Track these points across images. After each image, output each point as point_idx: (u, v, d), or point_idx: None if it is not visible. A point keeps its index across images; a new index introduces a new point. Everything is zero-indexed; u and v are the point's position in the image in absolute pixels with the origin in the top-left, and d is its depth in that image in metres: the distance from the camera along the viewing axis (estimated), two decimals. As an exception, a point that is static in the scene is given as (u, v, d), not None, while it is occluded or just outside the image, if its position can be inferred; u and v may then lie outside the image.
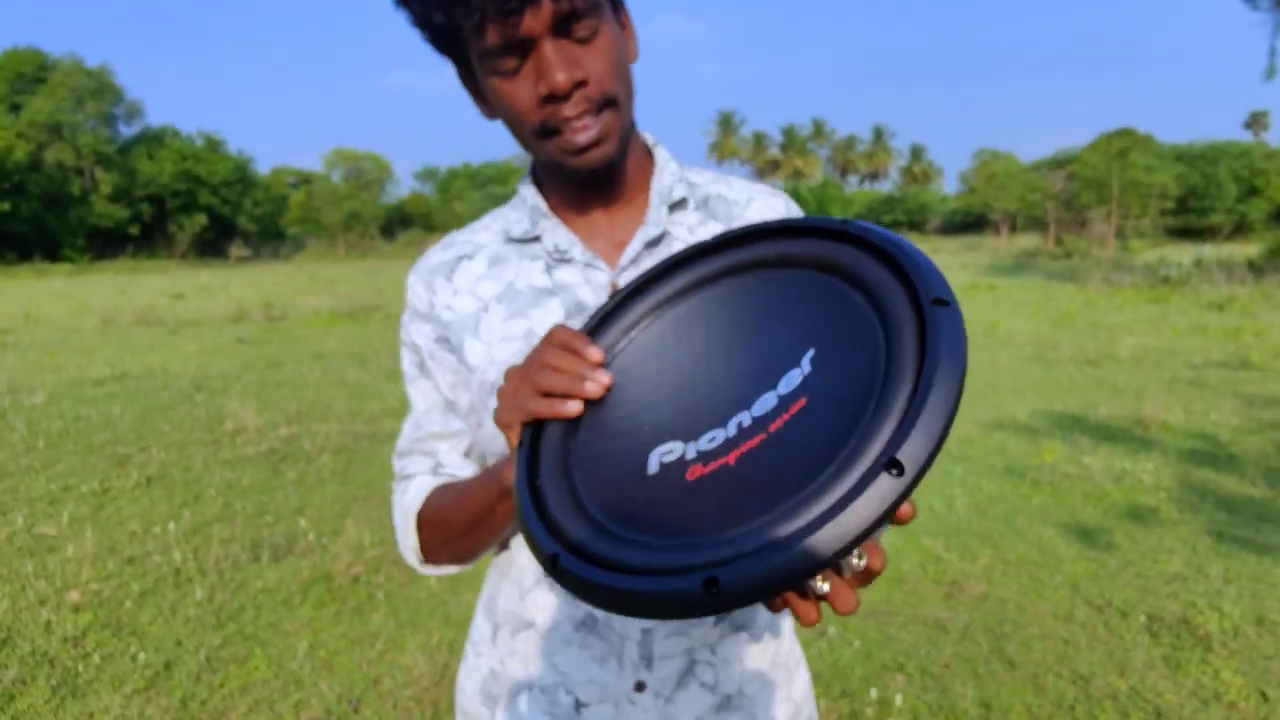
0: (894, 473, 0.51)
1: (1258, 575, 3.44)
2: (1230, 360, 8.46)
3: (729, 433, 0.63)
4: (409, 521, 0.92)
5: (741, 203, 0.95)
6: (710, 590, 0.53)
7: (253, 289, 25.15)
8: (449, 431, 0.96)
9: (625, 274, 0.89)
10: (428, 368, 0.96)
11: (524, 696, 0.93)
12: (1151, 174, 41.50)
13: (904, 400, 0.55)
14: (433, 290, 0.93)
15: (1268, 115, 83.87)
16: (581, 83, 0.77)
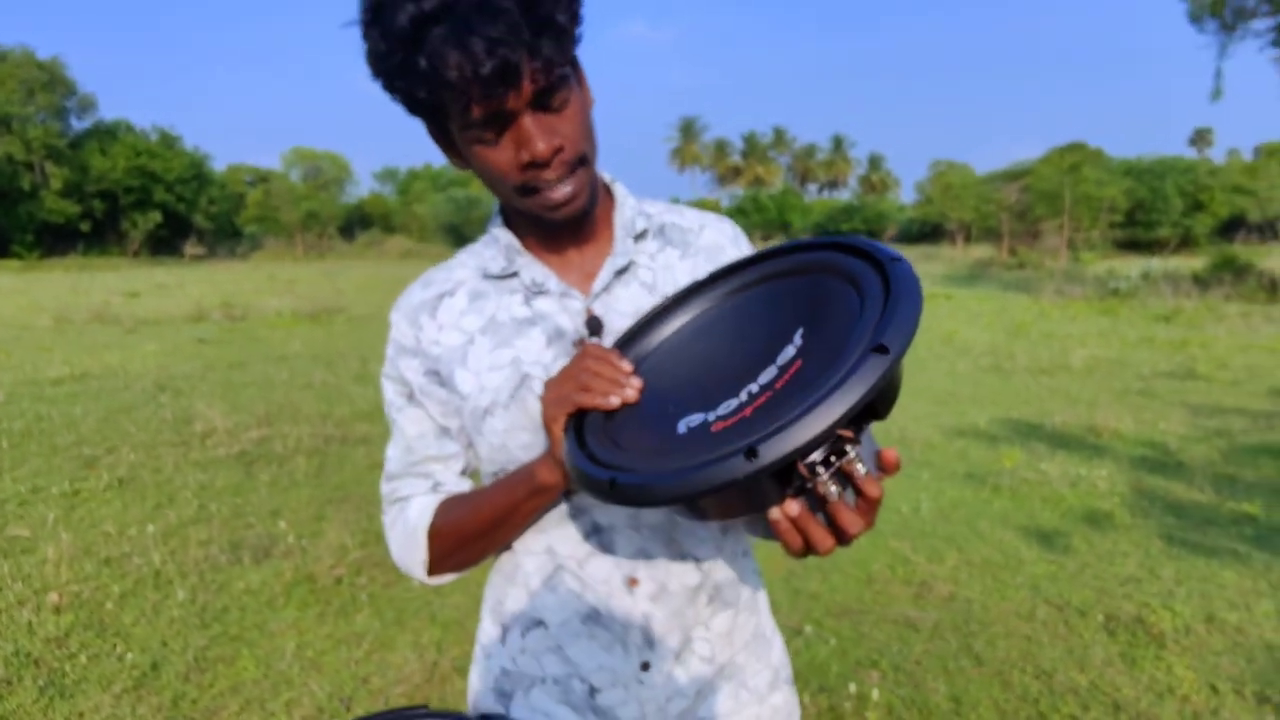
0: (882, 353, 0.65)
1: (1206, 576, 3.64)
2: (1177, 371, 8.80)
3: (741, 399, 0.77)
4: (418, 538, 0.99)
5: (695, 229, 1.05)
6: (751, 458, 0.64)
7: (210, 288, 24.73)
8: (445, 454, 1.03)
9: (598, 300, 0.97)
10: (417, 399, 1.02)
11: (538, 689, 1.01)
12: (1102, 188, 42.64)
13: (878, 313, 0.70)
14: (419, 327, 1.00)
15: (1212, 133, 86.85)
16: (559, 149, 0.84)
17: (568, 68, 0.84)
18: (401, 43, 0.77)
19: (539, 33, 0.78)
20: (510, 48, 0.76)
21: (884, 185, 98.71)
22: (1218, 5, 16.90)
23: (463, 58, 0.75)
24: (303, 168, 72.32)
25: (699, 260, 1.03)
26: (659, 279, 1.00)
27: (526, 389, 0.95)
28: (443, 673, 2.96)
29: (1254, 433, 5.97)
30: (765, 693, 1.05)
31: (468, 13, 0.75)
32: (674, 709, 0.99)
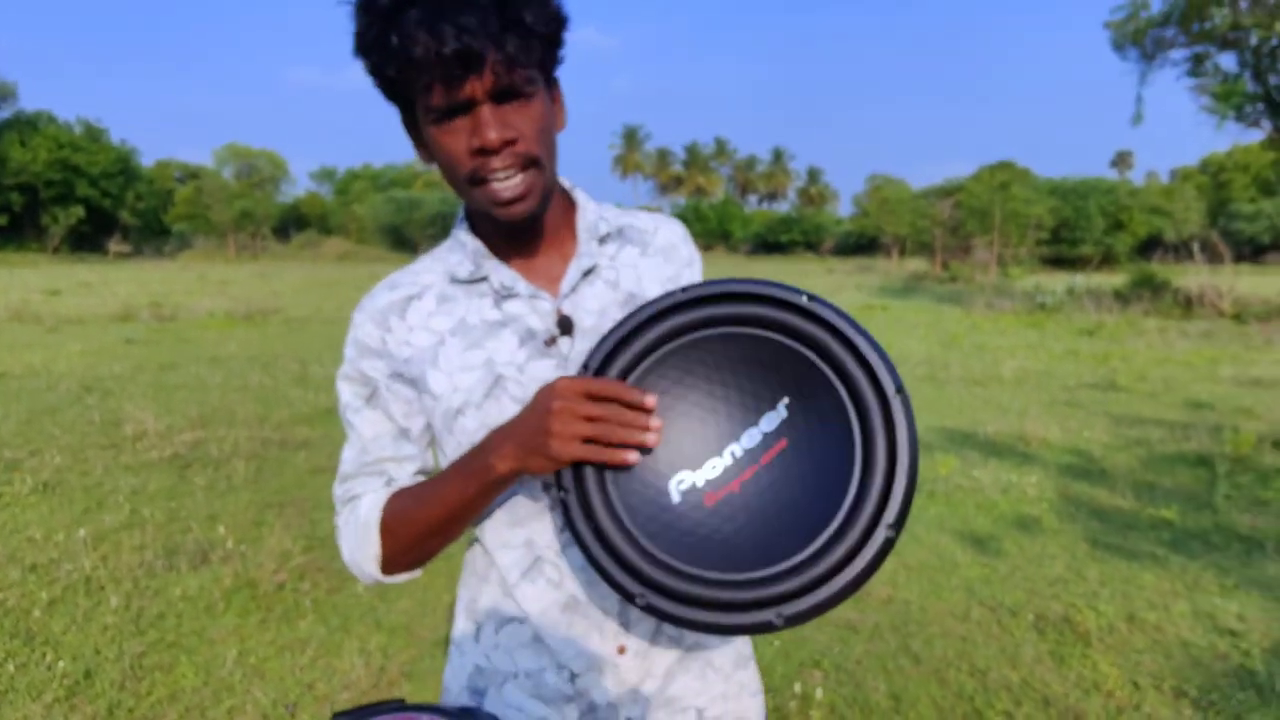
0: (891, 531, 0.78)
1: (1128, 578, 3.82)
2: (1100, 382, 9.18)
3: (726, 462, 0.85)
4: (369, 534, 0.98)
5: (650, 230, 1.09)
6: (777, 622, 0.80)
7: (137, 287, 23.92)
8: (401, 455, 1.03)
9: (567, 301, 1.00)
10: (379, 399, 1.02)
11: (509, 685, 1.04)
12: (1029, 206, 44.11)
13: (882, 477, 0.80)
14: (387, 329, 1.01)
15: (1133, 155, 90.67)
16: (510, 141, 0.88)
17: (534, 72, 0.87)
18: (380, 19, 0.83)
19: (507, 28, 0.82)
20: (475, 36, 0.80)
21: (822, 198, 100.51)
22: (1139, 35, 17.69)
23: (430, 38, 0.80)
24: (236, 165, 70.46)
25: (657, 260, 1.07)
26: (622, 276, 1.04)
27: (500, 389, 0.97)
28: (390, 678, 2.94)
29: (1170, 442, 6.27)
30: (730, 670, 1.10)
31: (443, 0, 0.80)
32: (647, 689, 1.03)
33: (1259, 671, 2.96)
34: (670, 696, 1.04)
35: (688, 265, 1.10)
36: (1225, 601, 3.54)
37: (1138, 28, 17.53)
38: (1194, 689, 2.86)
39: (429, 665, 3.07)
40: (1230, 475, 5.31)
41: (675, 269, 1.08)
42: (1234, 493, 4.99)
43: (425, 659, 3.11)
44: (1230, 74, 17.54)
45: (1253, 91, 17.00)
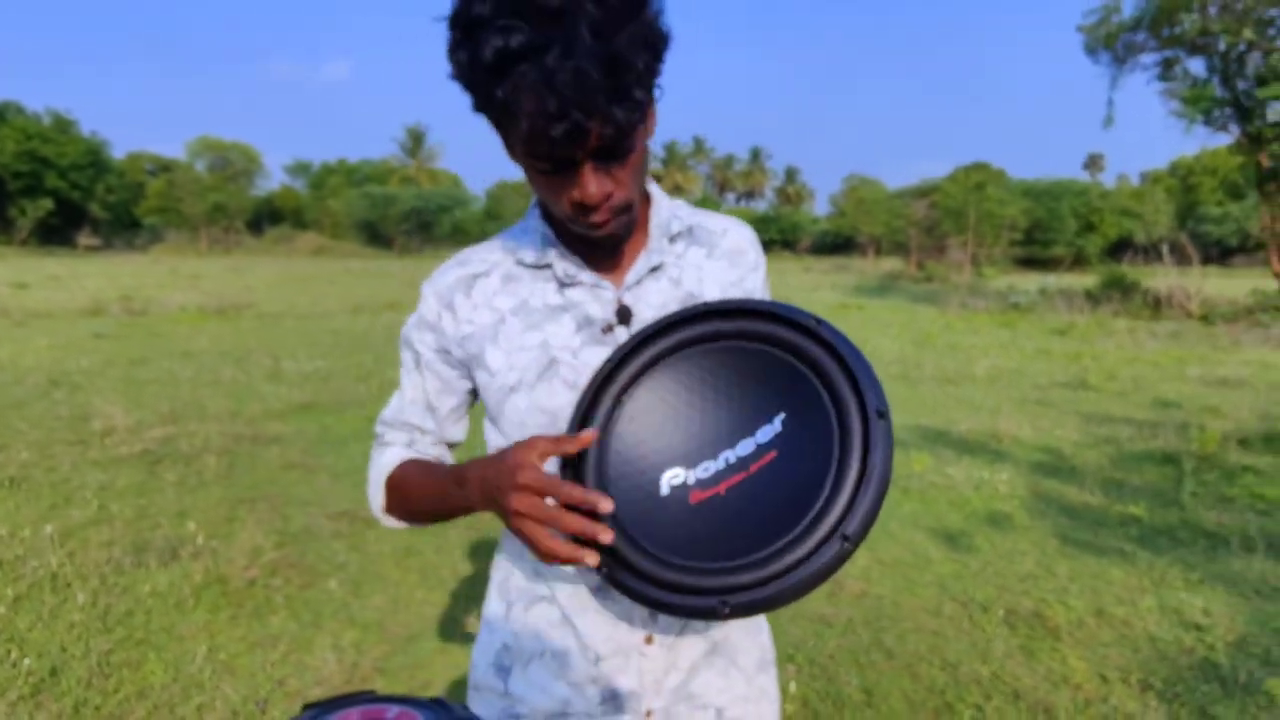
0: (845, 543, 0.82)
1: (1097, 574, 3.87)
2: (1071, 381, 9.30)
3: (718, 465, 0.90)
4: (379, 484, 1.08)
5: (719, 232, 1.10)
6: (722, 608, 0.84)
7: (107, 281, 23.57)
8: (424, 428, 1.11)
9: (629, 292, 1.02)
10: (421, 370, 1.08)
11: (535, 664, 1.05)
12: (1003, 207, 44.60)
13: (849, 492, 0.83)
14: (450, 306, 1.04)
15: (1104, 158, 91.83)
16: (609, 195, 0.89)
17: (638, 129, 0.86)
18: (484, 71, 0.79)
19: (615, 100, 0.79)
20: (585, 112, 0.78)
21: (799, 197, 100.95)
22: (1110, 39, 17.92)
23: (536, 110, 0.77)
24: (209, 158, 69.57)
25: (723, 264, 1.09)
26: (685, 275, 1.06)
27: (553, 372, 1.00)
28: (363, 673, 2.92)
29: (1139, 440, 6.36)
30: (753, 673, 1.11)
31: (553, 65, 0.75)
32: (670, 682, 1.04)
33: (1222, 664, 3.01)
34: (692, 692, 1.06)
35: (752, 270, 1.11)
36: (1191, 596, 3.60)
37: (1109, 32, 17.76)
38: (1160, 682, 2.91)
39: (401, 661, 3.05)
40: (1196, 473, 5.40)
41: (740, 273, 1.10)
42: (1200, 490, 5.07)
43: (398, 655, 3.09)
44: (1199, 79, 17.82)
45: (1221, 96, 17.27)
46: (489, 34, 0.76)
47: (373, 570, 3.82)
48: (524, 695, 1.06)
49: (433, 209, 64.71)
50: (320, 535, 4.20)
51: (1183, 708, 2.75)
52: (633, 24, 0.78)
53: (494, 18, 0.76)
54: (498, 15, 0.76)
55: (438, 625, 3.34)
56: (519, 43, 0.76)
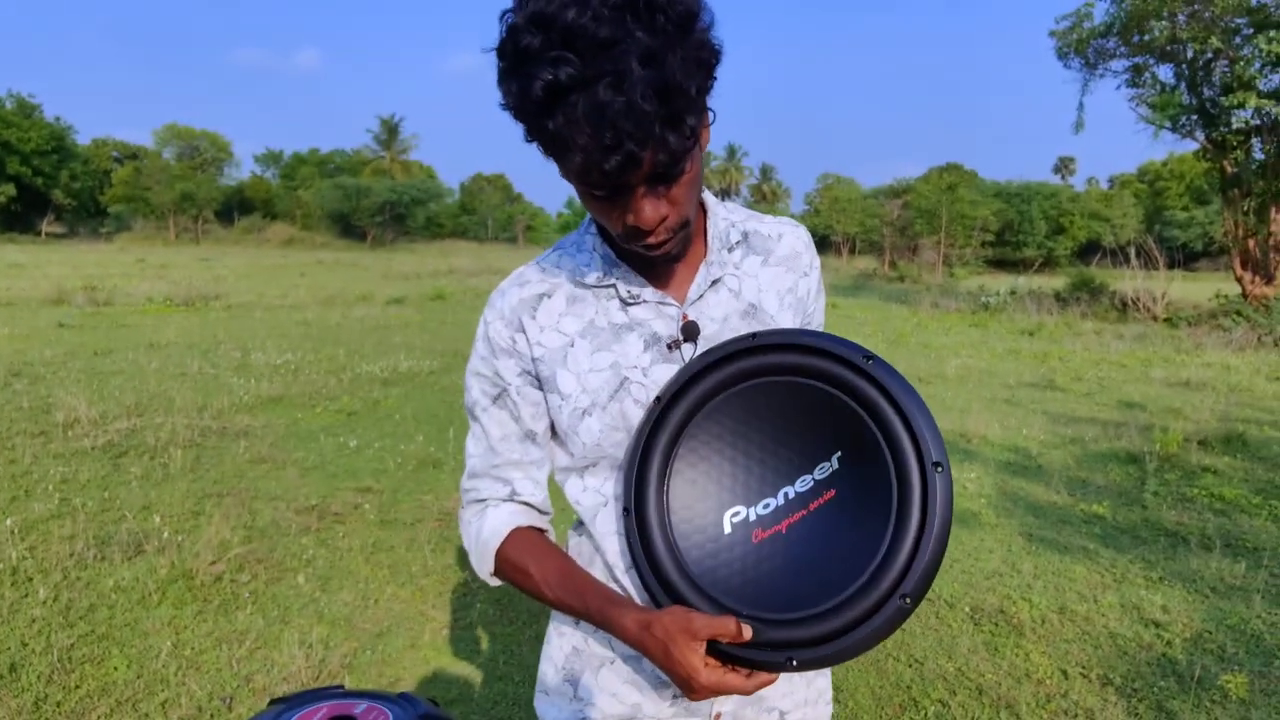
0: (905, 601, 0.82)
1: (1060, 571, 3.94)
2: (1039, 381, 9.43)
3: (779, 501, 0.91)
4: (487, 554, 1.05)
5: (774, 237, 1.10)
6: (789, 665, 0.86)
7: (71, 269, 23.14)
8: (528, 460, 1.07)
9: (693, 307, 1.02)
10: (508, 399, 1.05)
11: (606, 669, 1.06)
12: (975, 208, 45.12)
13: (909, 549, 0.83)
14: (521, 329, 1.02)
15: (1075, 162, 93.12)
16: (664, 218, 0.88)
17: (692, 152, 0.85)
18: (535, 104, 0.77)
19: (669, 128, 0.78)
20: (638, 143, 0.77)
21: (775, 195, 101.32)
22: (1081, 45, 18.15)
23: (590, 142, 0.77)
24: (177, 146, 68.60)
25: (779, 270, 1.08)
26: (744, 286, 1.06)
27: (625, 392, 0.99)
28: (331, 670, 2.90)
29: (1104, 440, 6.47)
30: (813, 676, 1.13)
31: (605, 97, 0.74)
32: None
33: (1180, 661, 3.08)
34: (759, 695, 1.07)
35: (804, 274, 1.10)
36: (1151, 594, 3.67)
37: (1081, 37, 17.98)
38: (1119, 677, 2.96)
39: (370, 658, 3.03)
40: (1159, 473, 5.50)
41: (794, 279, 1.09)
42: (1162, 489, 5.17)
43: (366, 651, 3.07)
44: (1167, 85, 18.11)
45: (1188, 103, 17.58)
46: (538, 67, 0.75)
47: (341, 566, 3.79)
48: (594, 700, 1.06)
49: (406, 201, 64.19)
50: (288, 530, 4.16)
51: (1141, 703, 2.81)
52: (683, 47, 0.77)
53: (543, 50, 0.75)
54: (547, 48, 0.75)
55: (407, 622, 3.32)
56: (569, 75, 0.74)
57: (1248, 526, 4.52)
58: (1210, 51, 16.45)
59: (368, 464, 5.39)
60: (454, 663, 3.04)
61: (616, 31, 0.74)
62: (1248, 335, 13.63)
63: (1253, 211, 17.26)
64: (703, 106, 0.84)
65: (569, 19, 0.74)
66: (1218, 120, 17.11)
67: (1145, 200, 62.52)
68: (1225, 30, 16.05)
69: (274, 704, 0.98)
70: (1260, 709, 2.77)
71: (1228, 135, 17.01)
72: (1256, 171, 17.02)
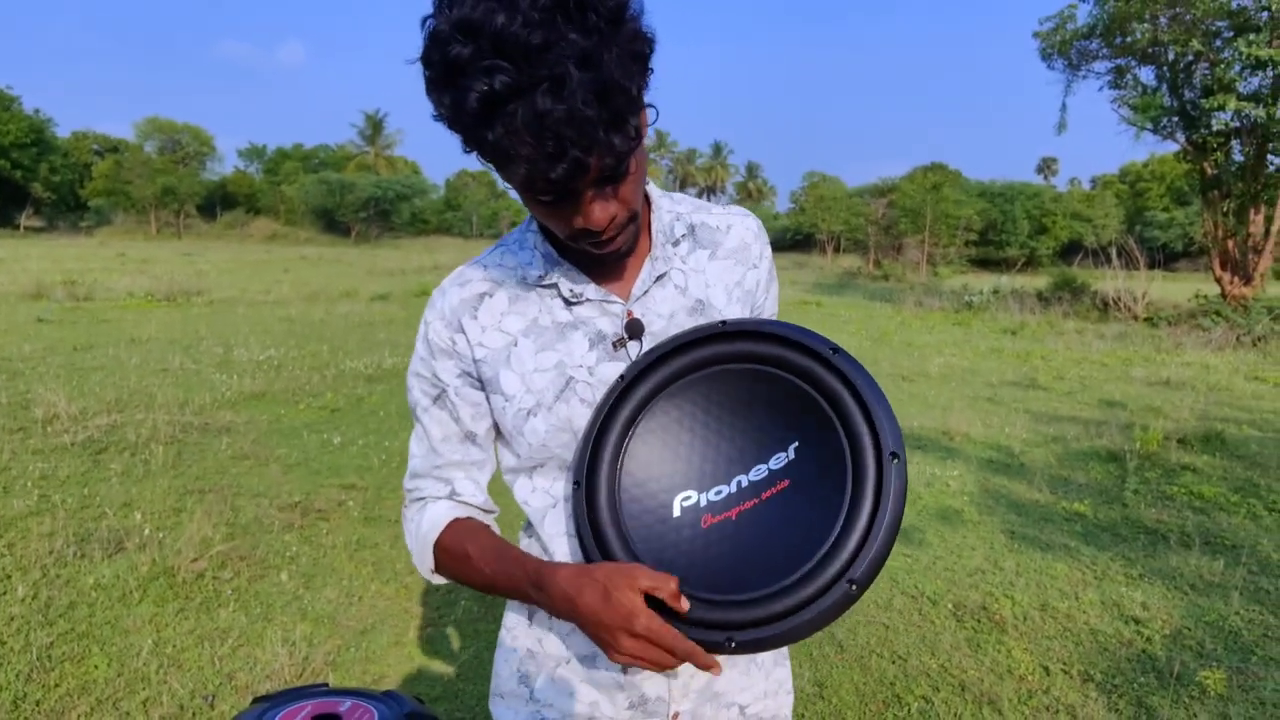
0: (852, 587, 0.82)
1: (1042, 568, 3.97)
2: (1021, 380, 9.50)
3: (731, 489, 0.91)
4: (426, 548, 1.04)
5: (722, 229, 1.08)
6: (727, 645, 0.85)
7: (51, 263, 22.88)
8: (469, 460, 1.07)
9: (638, 304, 1.01)
10: (447, 400, 1.04)
11: (563, 669, 1.05)
12: (959, 207, 45.38)
13: (859, 536, 0.83)
14: (461, 330, 1.01)
15: (1057, 162, 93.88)
16: (614, 217, 0.87)
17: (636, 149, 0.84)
18: (470, 116, 0.75)
19: (613, 130, 0.77)
20: (583, 149, 0.75)
21: (760, 193, 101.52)
22: (1065, 46, 18.28)
23: (534, 152, 0.75)
24: (159, 140, 67.91)
25: (728, 263, 1.07)
26: (691, 281, 1.04)
27: (571, 391, 0.98)
28: (315, 668, 2.88)
29: (1085, 439, 6.53)
30: (771, 668, 1.13)
31: (544, 106, 0.72)
32: (695, 685, 1.05)
33: (1159, 657, 3.11)
34: (716, 691, 1.07)
35: (753, 266, 1.09)
36: (1131, 591, 3.71)
37: (1064, 39, 18.10)
38: (1099, 673, 2.99)
39: (353, 655, 3.02)
40: (1139, 471, 5.56)
41: (742, 271, 1.07)
42: (1141, 488, 5.22)
43: (350, 649, 3.06)
44: (1149, 87, 18.27)
45: (1169, 105, 17.73)
46: (471, 78, 0.73)
47: (325, 563, 3.77)
48: (551, 700, 1.05)
49: (391, 197, 63.83)
50: (271, 527, 4.13)
51: (1121, 698, 2.84)
52: (618, 43, 0.75)
53: (475, 59, 0.72)
54: (479, 56, 0.72)
55: (391, 619, 3.31)
56: (504, 84, 0.72)
57: (1226, 524, 4.57)
58: (1191, 54, 16.60)
59: (351, 461, 5.37)
60: (438, 660, 3.04)
61: (549, 35, 0.71)
62: (1226, 335, 13.78)
63: (1232, 213, 17.44)
64: (641, 102, 0.82)
65: (498, 25, 0.71)
66: (1198, 122, 17.27)
67: (1126, 201, 63.05)
68: (1206, 33, 16.21)
69: (257, 702, 0.97)
70: (1238, 704, 2.80)
71: (1208, 137, 17.18)
72: (1236, 173, 17.20)
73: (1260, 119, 15.59)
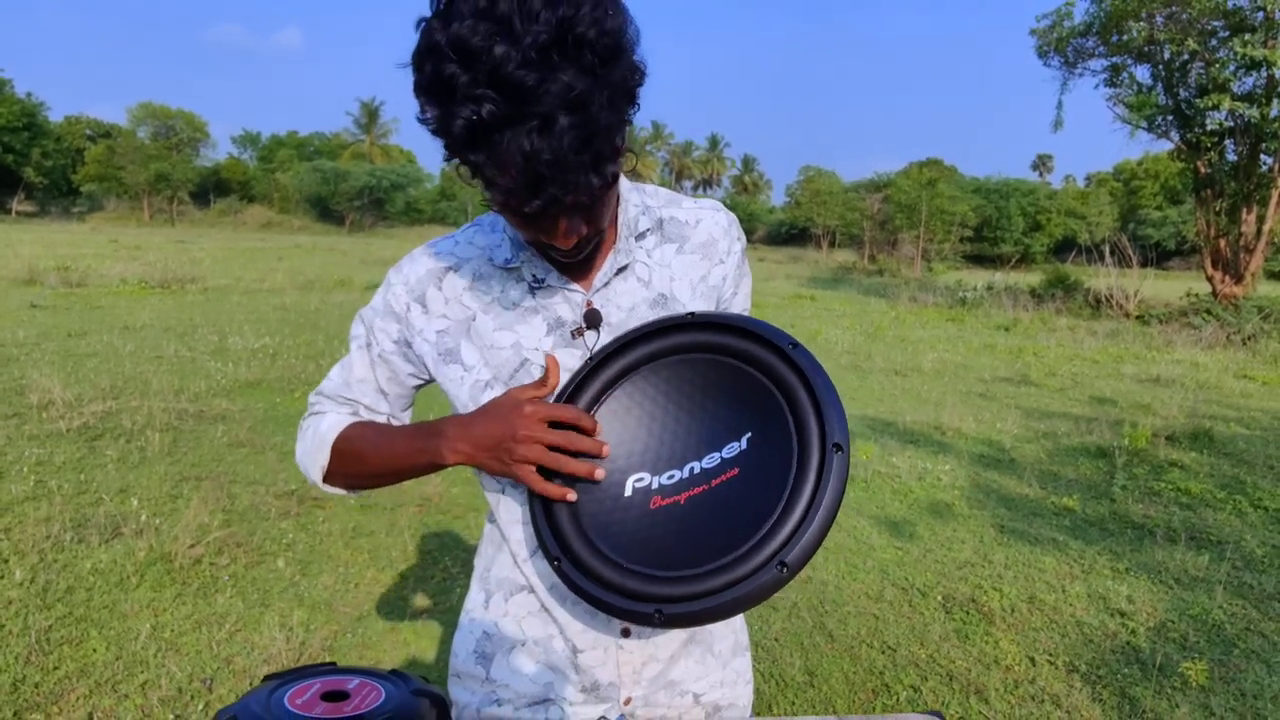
0: (782, 570, 0.84)
1: (1030, 562, 4.02)
2: (1013, 376, 9.56)
3: (683, 474, 0.94)
4: (322, 447, 1.06)
5: (691, 223, 1.08)
6: (656, 616, 0.87)
7: (43, 249, 22.76)
8: (377, 409, 1.10)
9: (598, 295, 1.02)
10: (372, 353, 1.08)
11: (517, 651, 1.07)
12: (955, 203, 45.43)
13: (795, 521, 0.86)
14: (421, 300, 1.03)
15: (1052, 159, 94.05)
16: (583, 236, 0.88)
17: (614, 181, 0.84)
18: (456, 138, 0.75)
19: (592, 171, 0.78)
20: (561, 188, 0.77)
21: (756, 187, 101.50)
22: (1061, 44, 18.32)
23: (513, 184, 0.76)
24: (152, 125, 67.51)
25: (693, 258, 1.07)
26: (654, 275, 1.05)
27: (525, 373, 1.01)
28: (312, 653, 2.92)
29: (1075, 435, 6.59)
30: (729, 657, 1.14)
31: (530, 145, 0.73)
32: (648, 672, 1.07)
33: (1143, 649, 3.17)
34: (671, 680, 1.08)
35: (720, 262, 1.09)
36: (1117, 584, 3.76)
37: (1061, 36, 18.14)
38: (1084, 665, 3.05)
39: (350, 641, 3.05)
40: (1127, 467, 5.62)
41: (707, 266, 1.08)
42: (1130, 484, 5.28)
43: (347, 634, 3.09)
44: (1144, 86, 18.33)
45: (1164, 104, 17.80)
46: (460, 104, 0.72)
47: (321, 549, 3.80)
48: (507, 681, 1.07)
49: (385, 186, 63.58)
50: (268, 514, 4.16)
51: (1105, 689, 2.89)
52: (610, 84, 0.75)
53: (468, 87, 0.71)
54: (472, 85, 0.71)
55: (387, 605, 3.34)
56: (492, 115, 0.72)
57: (1212, 520, 4.63)
58: (1186, 53, 16.66)
59: (347, 449, 5.38)
60: (434, 646, 3.07)
61: (544, 75, 0.71)
62: (1217, 333, 13.88)
63: (1224, 212, 17.54)
64: (623, 145, 0.84)
65: (496, 58, 0.70)
66: (1192, 121, 17.35)
67: (1120, 199, 63.19)
68: (1202, 33, 16.26)
69: (268, 680, 1.00)
70: (1219, 695, 2.86)
71: (1202, 136, 17.25)
72: (1229, 173, 17.30)
73: (1254, 119, 15.68)
